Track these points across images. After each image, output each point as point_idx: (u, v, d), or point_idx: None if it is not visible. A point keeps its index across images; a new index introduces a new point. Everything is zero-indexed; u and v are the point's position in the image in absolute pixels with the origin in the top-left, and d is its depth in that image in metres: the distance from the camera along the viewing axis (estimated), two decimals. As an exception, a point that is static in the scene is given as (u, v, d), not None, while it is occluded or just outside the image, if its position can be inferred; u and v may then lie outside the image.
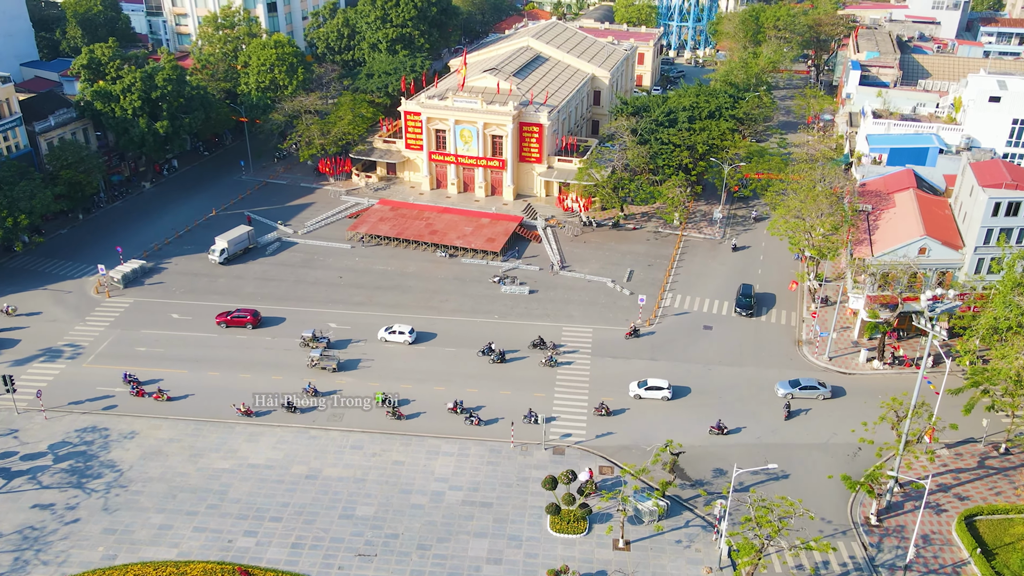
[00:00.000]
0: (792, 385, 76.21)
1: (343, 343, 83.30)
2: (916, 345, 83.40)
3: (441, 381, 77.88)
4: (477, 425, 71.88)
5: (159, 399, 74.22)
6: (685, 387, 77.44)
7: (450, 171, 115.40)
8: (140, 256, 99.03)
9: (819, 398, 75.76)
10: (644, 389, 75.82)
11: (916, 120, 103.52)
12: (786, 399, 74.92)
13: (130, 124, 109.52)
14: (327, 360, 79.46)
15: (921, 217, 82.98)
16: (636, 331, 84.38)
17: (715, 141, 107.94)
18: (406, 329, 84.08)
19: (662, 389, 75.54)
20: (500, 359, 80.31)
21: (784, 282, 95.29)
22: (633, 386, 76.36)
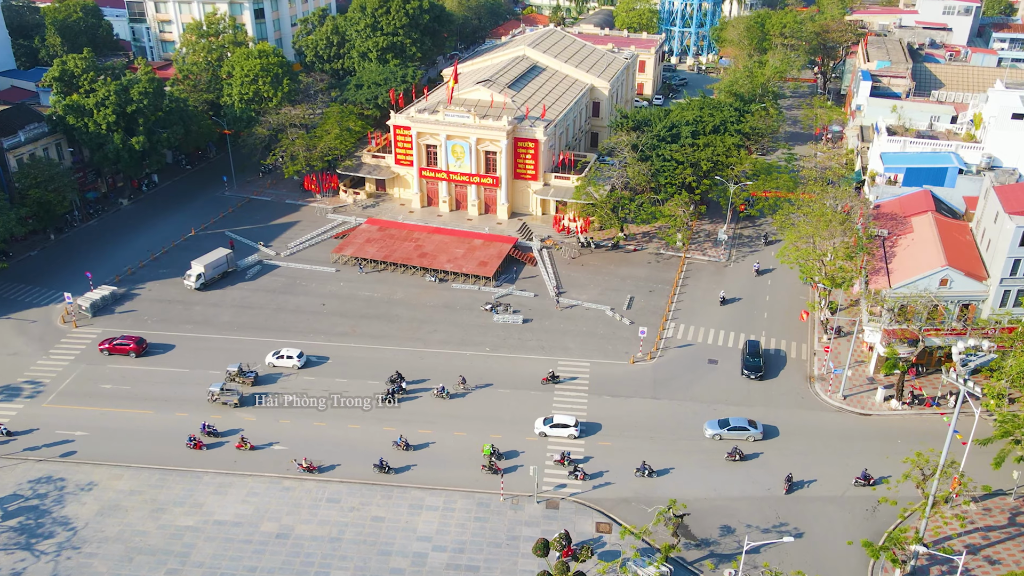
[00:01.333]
0: (721, 425, 71.10)
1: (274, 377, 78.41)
2: (936, 382, 77.87)
3: (403, 423, 72.72)
4: (499, 473, 66.13)
5: (242, 448, 68.68)
6: (691, 429, 71.92)
7: (442, 188, 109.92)
8: (112, 281, 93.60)
9: (749, 440, 70.50)
10: (549, 427, 70.81)
11: (933, 137, 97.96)
12: (715, 439, 70.41)
13: (104, 139, 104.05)
14: (228, 395, 74.03)
15: (942, 244, 77.46)
16: (554, 376, 78.01)
17: (720, 158, 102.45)
18: (294, 353, 79.65)
19: (568, 427, 70.49)
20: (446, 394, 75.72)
21: (794, 310, 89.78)
22: (539, 423, 71.32)
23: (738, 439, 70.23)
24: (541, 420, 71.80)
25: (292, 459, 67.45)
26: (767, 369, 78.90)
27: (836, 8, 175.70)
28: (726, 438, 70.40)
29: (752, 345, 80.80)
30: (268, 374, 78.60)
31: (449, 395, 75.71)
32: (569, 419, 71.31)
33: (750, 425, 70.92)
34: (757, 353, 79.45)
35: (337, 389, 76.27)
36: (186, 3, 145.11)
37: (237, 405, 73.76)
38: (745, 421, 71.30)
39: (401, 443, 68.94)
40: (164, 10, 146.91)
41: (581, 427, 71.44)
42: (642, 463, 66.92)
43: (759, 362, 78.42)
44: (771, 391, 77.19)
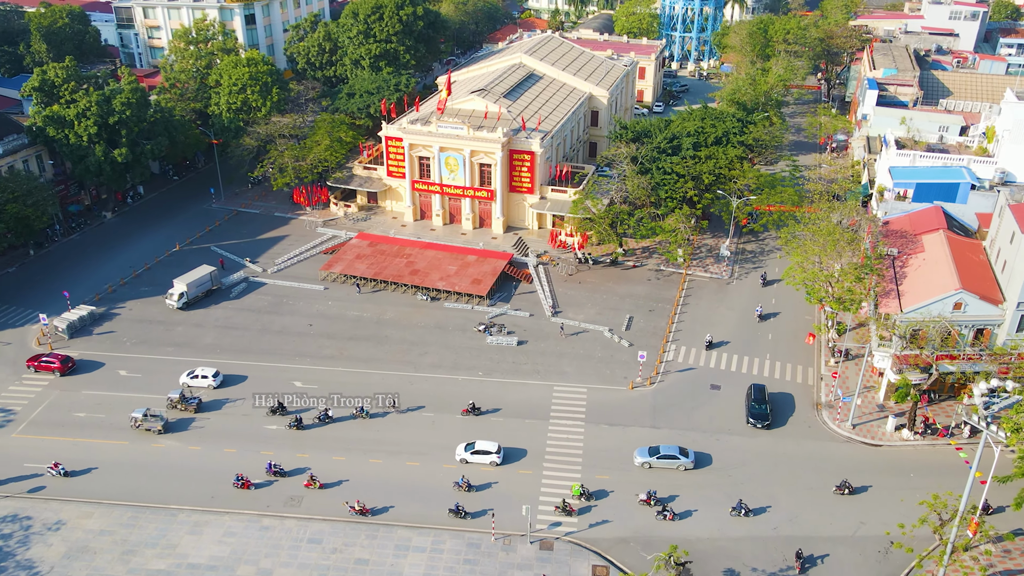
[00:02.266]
0: (651, 453, 67.99)
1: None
2: (950, 410, 74.40)
3: (381, 452, 69.52)
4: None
5: (311, 486, 65.23)
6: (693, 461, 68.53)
7: (435, 201, 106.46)
8: (91, 300, 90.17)
9: (679, 468, 67.38)
10: (471, 453, 67.88)
11: (944, 151, 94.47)
12: (644, 467, 67.48)
13: (86, 151, 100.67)
14: (151, 421, 70.62)
15: (955, 266, 73.95)
16: (474, 408, 74.09)
17: (722, 170, 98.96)
18: (210, 372, 76.78)
19: (490, 454, 67.63)
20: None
21: (799, 329, 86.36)
22: (460, 449, 68.35)
23: (668, 467, 67.35)
24: (462, 446, 68.66)
25: (344, 501, 63.48)
26: (774, 417, 73.32)
27: (840, 13, 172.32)
28: (656, 467, 67.45)
29: (757, 391, 74.94)
30: (214, 399, 75.30)
31: (368, 415, 72.68)
32: (491, 445, 68.28)
33: (681, 454, 67.82)
34: (763, 399, 73.89)
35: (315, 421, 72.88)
36: (175, 8, 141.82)
37: (161, 432, 70.51)
38: (676, 449, 68.19)
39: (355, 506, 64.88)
40: (153, 16, 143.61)
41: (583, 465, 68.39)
42: (738, 502, 63.29)
43: (765, 409, 72.87)
44: (776, 419, 73.58)
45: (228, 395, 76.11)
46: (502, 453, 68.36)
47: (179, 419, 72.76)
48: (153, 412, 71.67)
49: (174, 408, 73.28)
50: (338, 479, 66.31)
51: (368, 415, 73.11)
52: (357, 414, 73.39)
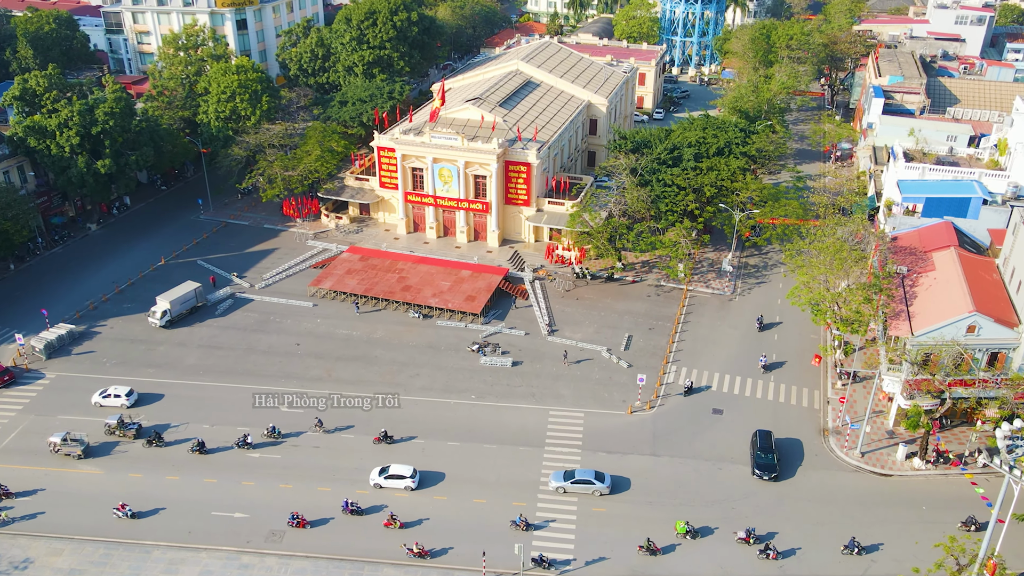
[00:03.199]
0: (566, 478, 65.27)
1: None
2: (962, 436, 71.29)
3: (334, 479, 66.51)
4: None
5: (390, 526, 61.61)
6: (693, 492, 65.41)
7: (428, 213, 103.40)
8: (71, 318, 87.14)
9: (595, 494, 64.68)
10: (384, 478, 65.12)
11: (954, 164, 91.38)
12: (558, 492, 64.94)
13: (68, 163, 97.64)
14: (71, 445, 67.50)
15: (968, 286, 70.85)
16: (386, 435, 70.70)
17: (724, 182, 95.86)
18: (123, 391, 74.09)
19: (405, 478, 64.89)
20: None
21: (805, 349, 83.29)
22: (374, 474, 65.62)
23: (584, 492, 64.64)
24: (376, 471, 65.84)
25: (402, 544, 60.14)
26: (782, 467, 67.80)
27: (844, 18, 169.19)
28: (571, 491, 64.74)
29: (763, 438, 69.22)
30: (156, 424, 72.24)
31: (250, 446, 69.26)
32: (406, 469, 65.52)
33: (596, 479, 64.99)
34: (770, 447, 68.27)
35: (299, 455, 69.82)
36: (165, 14, 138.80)
37: (81, 457, 67.48)
38: (592, 474, 65.25)
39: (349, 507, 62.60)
40: (142, 21, 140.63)
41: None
42: (851, 540, 59.90)
43: (772, 459, 67.29)
44: (781, 448, 70.45)
45: (144, 414, 73.18)
46: (417, 477, 65.45)
47: (103, 443, 69.60)
48: (74, 436, 68.33)
49: (112, 434, 69.95)
50: (322, 516, 63.29)
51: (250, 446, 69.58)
52: (317, 428, 71.39)
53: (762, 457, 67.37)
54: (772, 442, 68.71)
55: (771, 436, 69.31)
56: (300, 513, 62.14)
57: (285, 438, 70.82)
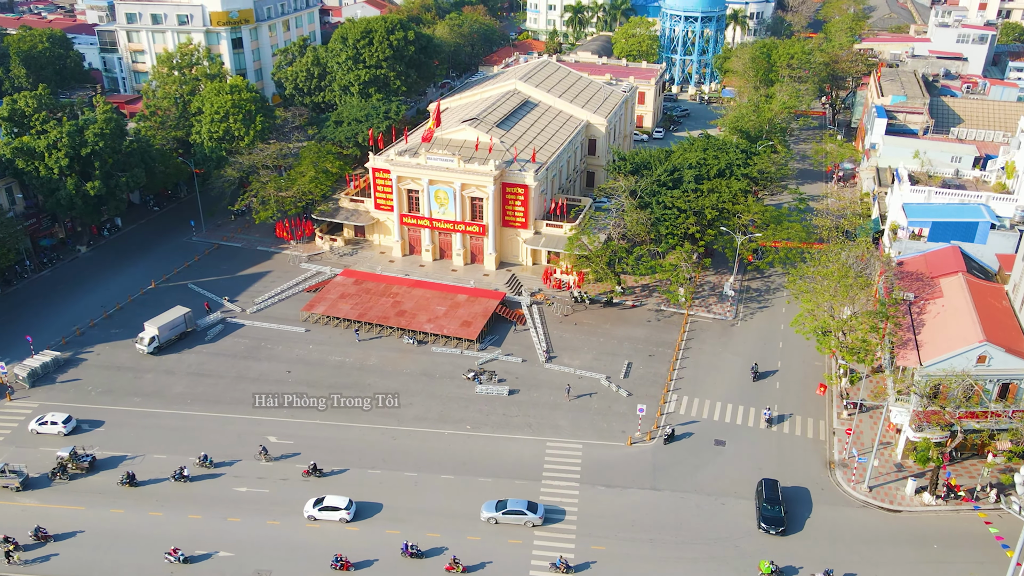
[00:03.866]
0: (498, 508, 63.62)
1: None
2: (973, 470, 68.99)
3: None
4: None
5: (452, 571, 58.73)
6: (696, 529, 63.10)
7: (424, 236, 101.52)
8: (57, 344, 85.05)
9: (526, 525, 62.83)
10: (319, 509, 63.13)
11: (961, 187, 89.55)
12: (489, 523, 63.25)
13: (57, 184, 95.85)
14: (9, 477, 65.27)
15: (978, 315, 68.78)
16: (315, 468, 68.07)
17: (726, 205, 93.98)
18: (59, 418, 72.18)
19: (339, 510, 62.80)
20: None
21: (809, 378, 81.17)
22: (308, 505, 63.58)
23: (515, 523, 62.81)
24: (311, 502, 63.72)
25: None
26: (790, 520, 63.47)
27: (845, 36, 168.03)
28: (502, 522, 63.03)
29: (769, 488, 64.66)
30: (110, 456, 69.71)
31: (187, 478, 67.14)
32: (341, 500, 63.51)
33: (529, 509, 63.09)
34: (776, 499, 63.82)
35: (286, 491, 67.60)
36: (160, 32, 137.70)
37: (19, 489, 65.20)
38: (524, 504, 63.43)
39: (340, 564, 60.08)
40: (137, 39, 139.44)
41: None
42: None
43: (779, 512, 62.81)
44: (786, 480, 68.17)
45: (85, 442, 70.92)
46: (353, 508, 63.36)
47: (43, 474, 67.28)
48: (12, 468, 65.99)
49: (63, 467, 67.44)
50: (310, 551, 60.82)
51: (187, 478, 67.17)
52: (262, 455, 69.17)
53: (768, 509, 63.19)
54: (779, 492, 64.57)
55: (777, 486, 65.07)
56: (344, 555, 59.59)
57: (219, 467, 68.61)
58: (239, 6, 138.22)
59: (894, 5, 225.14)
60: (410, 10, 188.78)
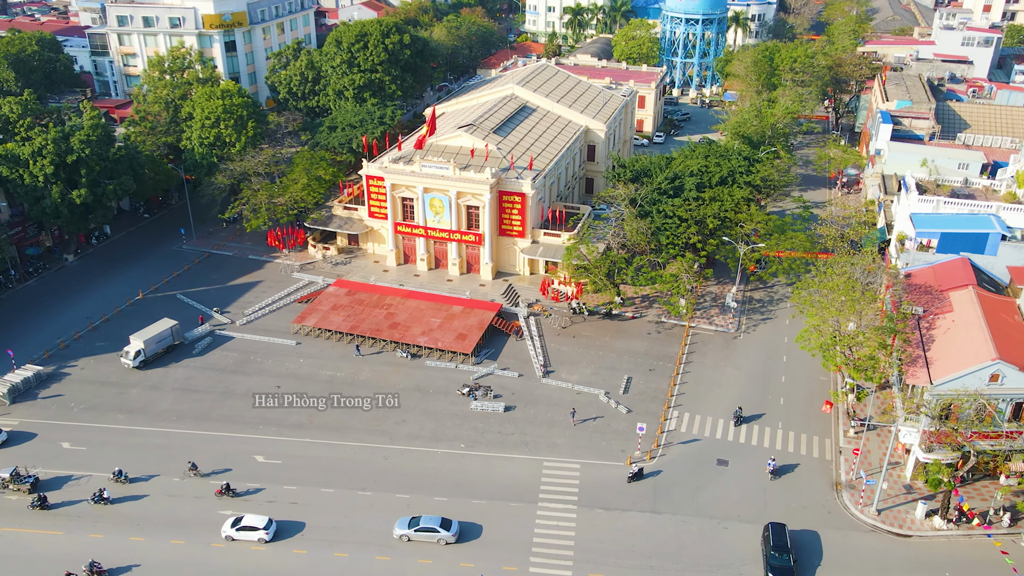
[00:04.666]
0: (410, 525, 61.83)
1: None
2: (985, 492, 66.59)
3: None
4: None
5: None
6: (697, 555, 60.66)
7: (419, 245, 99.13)
8: (40, 357, 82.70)
9: (439, 542, 60.95)
10: (236, 529, 61.10)
11: (970, 196, 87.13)
12: (402, 540, 61.50)
13: (42, 192, 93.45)
14: None
15: (990, 331, 66.33)
16: (228, 488, 65.82)
17: (728, 214, 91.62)
18: None
19: (258, 529, 60.70)
20: None
21: (814, 394, 78.78)
22: (226, 525, 61.51)
23: (428, 541, 61.13)
24: (228, 522, 61.67)
25: None
26: (800, 569, 59.21)
27: (848, 39, 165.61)
28: (415, 539, 61.29)
29: (776, 534, 60.30)
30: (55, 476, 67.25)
31: (107, 500, 64.51)
32: (259, 520, 61.40)
33: (442, 527, 61.27)
34: (785, 546, 59.15)
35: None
36: (152, 35, 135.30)
37: None
38: (438, 521, 61.65)
39: None
40: (128, 42, 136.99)
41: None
42: None
43: (788, 560, 58.30)
44: (792, 503, 65.86)
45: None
46: (273, 528, 61.25)
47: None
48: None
49: (5, 488, 65.11)
50: None
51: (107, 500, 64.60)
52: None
53: (776, 558, 58.73)
54: (787, 538, 60.02)
55: (785, 531, 60.59)
56: None
57: (135, 482, 66.51)
58: (232, 9, 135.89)
59: (897, 7, 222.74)
60: (407, 12, 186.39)
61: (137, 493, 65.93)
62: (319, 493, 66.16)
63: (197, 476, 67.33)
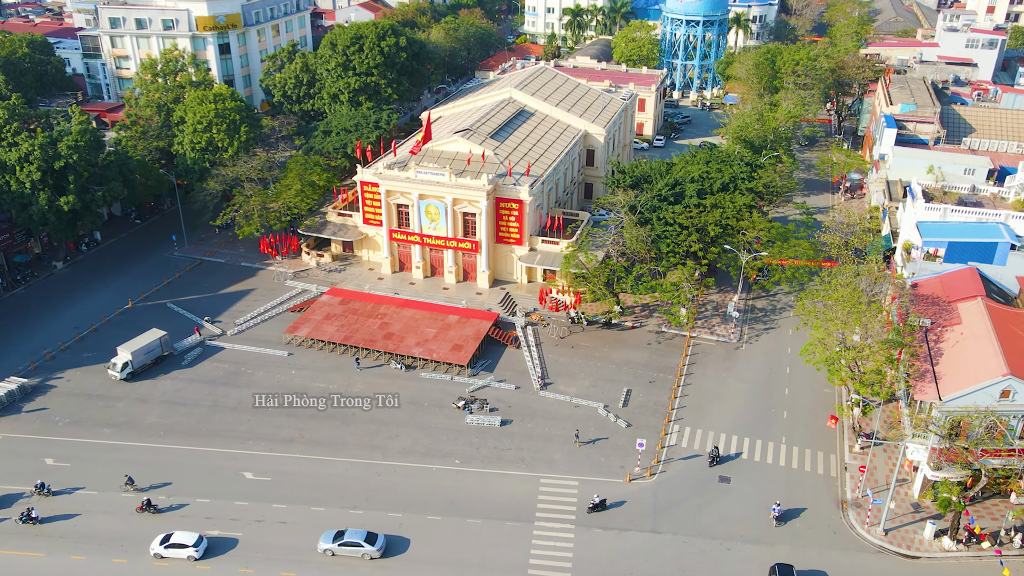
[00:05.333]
0: (335, 539, 60.41)
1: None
2: (995, 510, 64.69)
3: None
4: None
5: None
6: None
7: (415, 252, 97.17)
8: (26, 369, 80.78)
9: (363, 557, 59.47)
10: (165, 547, 59.65)
11: (978, 204, 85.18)
12: (326, 555, 60.19)
13: (29, 199, 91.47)
14: None
15: (999, 344, 64.43)
16: (149, 503, 63.97)
17: (729, 221, 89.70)
18: None
19: (186, 547, 59.33)
20: None
21: (818, 407, 76.84)
22: (155, 543, 59.98)
23: (352, 556, 59.77)
24: (158, 540, 60.12)
25: None
26: None
27: (850, 41, 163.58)
28: (339, 554, 59.93)
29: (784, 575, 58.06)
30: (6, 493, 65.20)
31: (35, 519, 62.42)
32: (189, 537, 59.91)
33: (367, 541, 59.86)
34: None
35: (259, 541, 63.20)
36: (144, 38, 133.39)
37: None
38: (363, 535, 60.23)
39: None
40: (121, 45, 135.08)
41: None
42: None
43: None
44: (796, 523, 63.91)
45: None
46: (203, 544, 59.73)
47: None
48: None
49: None
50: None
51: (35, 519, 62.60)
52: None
53: None
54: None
55: (792, 572, 57.91)
56: None
57: (55, 495, 64.85)
58: (226, 11, 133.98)
59: (899, 8, 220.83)
60: (405, 13, 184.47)
61: (67, 512, 63.89)
62: (308, 511, 64.22)
63: (133, 491, 65.43)
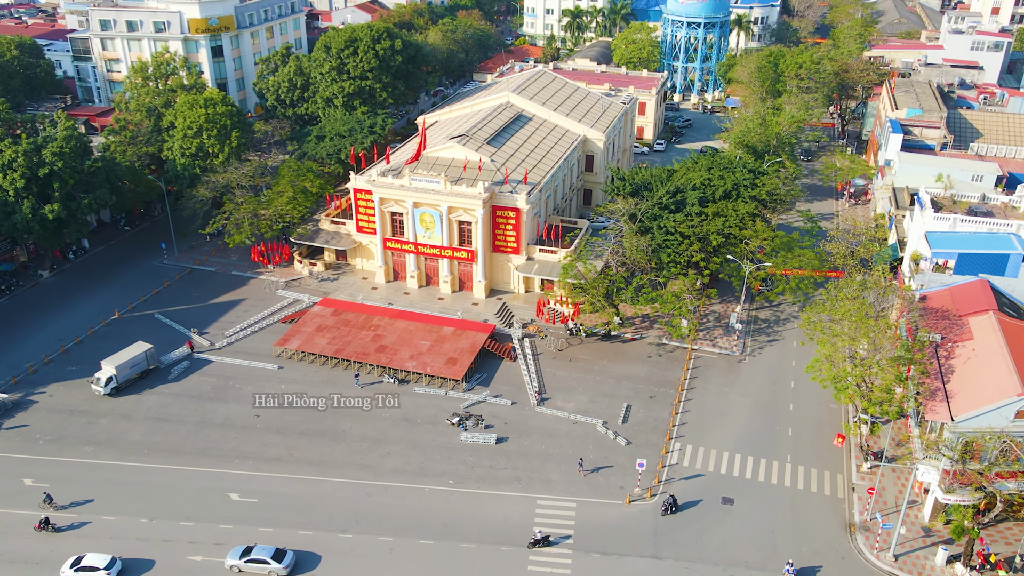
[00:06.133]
0: (242, 555, 58.89)
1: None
2: (1009, 535, 62.28)
3: None
4: None
5: None
6: (700, 609, 56.41)
7: (409, 261, 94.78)
8: (7, 384, 78.40)
9: (270, 575, 58.13)
10: (75, 570, 57.64)
11: (988, 214, 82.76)
12: (232, 571, 58.61)
13: (13, 208, 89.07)
14: None
15: (1014, 361, 62.03)
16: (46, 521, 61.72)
17: (732, 229, 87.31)
18: None
19: (98, 570, 57.46)
20: None
21: (823, 424, 74.43)
22: (65, 567, 57.85)
23: (259, 573, 58.18)
24: (68, 563, 58.04)
25: None
26: None
27: (854, 43, 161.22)
28: (245, 571, 58.31)
29: None
30: None
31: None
32: (101, 559, 57.93)
33: (274, 558, 58.17)
34: None
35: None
36: (136, 40, 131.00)
37: None
38: (270, 552, 58.66)
39: None
40: (111, 47, 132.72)
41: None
42: None
43: None
44: (803, 546, 61.51)
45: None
46: (116, 567, 57.76)
47: None
48: None
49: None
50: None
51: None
52: None
53: None
54: None
55: None
56: None
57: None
58: (219, 12, 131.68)
59: (903, 10, 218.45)
60: (402, 15, 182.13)
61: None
62: (296, 535, 61.84)
63: (52, 509, 63.11)
